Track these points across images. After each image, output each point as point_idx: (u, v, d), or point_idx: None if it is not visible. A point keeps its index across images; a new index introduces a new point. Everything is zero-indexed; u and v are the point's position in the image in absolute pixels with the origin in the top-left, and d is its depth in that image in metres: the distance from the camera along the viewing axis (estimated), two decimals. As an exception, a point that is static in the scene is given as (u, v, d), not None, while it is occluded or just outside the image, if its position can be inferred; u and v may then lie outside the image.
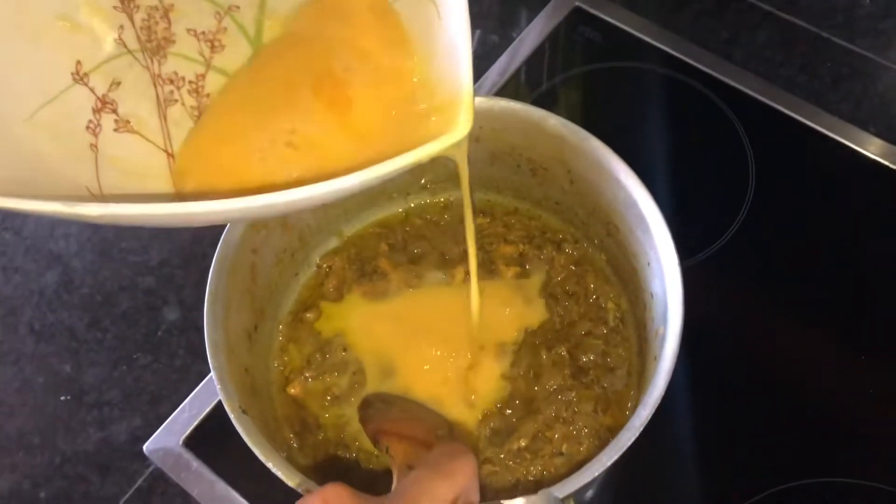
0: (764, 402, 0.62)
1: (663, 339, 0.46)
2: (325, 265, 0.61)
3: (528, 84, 0.78)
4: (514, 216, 0.62)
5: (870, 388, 0.63)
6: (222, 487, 0.60)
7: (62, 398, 0.65)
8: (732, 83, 0.75)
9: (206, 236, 0.52)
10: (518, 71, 0.78)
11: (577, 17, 0.81)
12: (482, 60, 0.79)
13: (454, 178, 0.61)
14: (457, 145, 0.39)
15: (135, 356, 0.66)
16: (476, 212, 0.63)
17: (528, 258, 0.59)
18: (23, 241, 0.72)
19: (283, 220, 0.56)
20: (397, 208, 0.63)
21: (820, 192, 0.71)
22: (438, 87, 0.44)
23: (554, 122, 0.53)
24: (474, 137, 0.56)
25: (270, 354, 0.58)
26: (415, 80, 0.46)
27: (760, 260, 0.68)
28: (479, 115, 0.54)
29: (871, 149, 0.72)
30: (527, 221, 0.62)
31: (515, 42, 0.79)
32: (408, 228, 0.62)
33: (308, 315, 0.59)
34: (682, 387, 0.61)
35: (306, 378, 0.56)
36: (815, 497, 0.59)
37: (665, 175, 0.71)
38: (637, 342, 0.56)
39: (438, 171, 0.61)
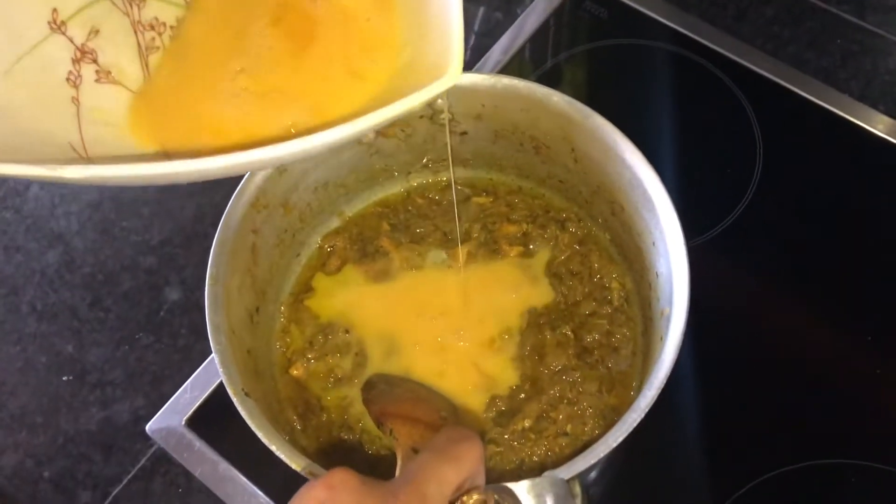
0: (769, 383, 0.62)
1: (668, 319, 0.46)
2: (326, 245, 0.61)
3: (533, 61, 0.77)
4: (517, 195, 0.62)
5: (876, 369, 0.62)
6: (225, 467, 0.60)
7: (65, 378, 0.65)
8: (740, 60, 0.74)
9: (207, 214, 0.51)
10: (522, 48, 0.77)
11: (583, -7, 0.80)
12: (485, 38, 0.78)
13: (456, 157, 0.61)
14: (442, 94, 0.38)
15: (137, 336, 0.66)
16: (479, 191, 0.62)
17: (532, 238, 0.59)
18: (24, 220, 0.71)
19: (284, 200, 0.56)
20: (399, 188, 0.63)
21: (828, 170, 0.70)
22: (425, 37, 0.42)
23: (557, 99, 0.53)
24: (476, 115, 0.56)
25: (272, 336, 0.57)
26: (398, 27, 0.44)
27: (767, 239, 0.68)
28: (482, 93, 0.54)
29: (880, 127, 0.71)
30: (530, 200, 0.61)
31: (520, 19, 0.78)
32: (410, 208, 0.62)
33: (307, 296, 0.58)
34: (687, 368, 0.61)
35: (308, 359, 0.56)
36: (820, 478, 0.58)
37: (671, 153, 0.71)
38: (642, 322, 0.55)
39: (440, 150, 0.60)
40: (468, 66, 0.77)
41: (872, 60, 0.74)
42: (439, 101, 0.54)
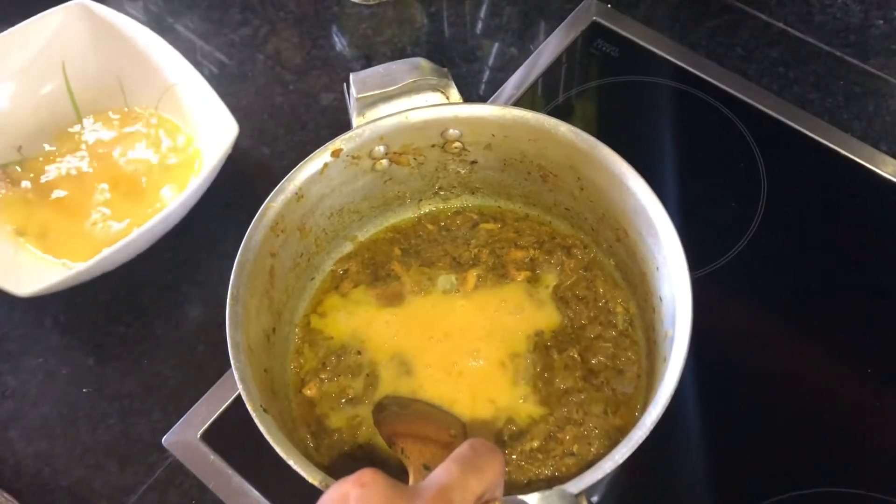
0: (770, 411, 0.63)
1: (672, 341, 0.48)
2: (340, 269, 0.63)
3: (545, 96, 0.79)
4: (524, 222, 0.64)
5: (876, 401, 0.63)
6: (238, 481, 0.61)
7: (84, 390, 0.67)
8: (746, 98, 0.77)
9: (229, 233, 0.53)
10: (535, 83, 0.80)
11: (595, 32, 0.82)
12: (500, 72, 0.81)
13: (466, 185, 0.63)
14: None
15: (156, 351, 0.68)
16: (487, 217, 0.65)
17: (539, 263, 0.61)
18: (50, 238, 0.74)
19: (301, 225, 0.58)
20: (410, 214, 0.65)
21: (830, 208, 0.72)
22: None
23: (564, 129, 0.55)
24: (486, 145, 0.58)
25: (287, 356, 0.59)
26: None
27: (769, 273, 0.69)
28: (492, 123, 0.57)
29: (883, 166, 0.73)
30: (537, 227, 0.63)
31: (533, 55, 0.81)
32: (420, 234, 0.64)
33: (321, 318, 0.60)
34: (689, 396, 0.63)
35: (322, 380, 0.57)
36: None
37: (678, 188, 0.73)
38: (646, 345, 0.57)
39: (451, 178, 0.62)
40: (482, 98, 0.79)
41: (875, 102, 0.77)
42: (451, 130, 0.56)
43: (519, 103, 0.78)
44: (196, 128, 0.74)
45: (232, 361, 0.50)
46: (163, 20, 0.87)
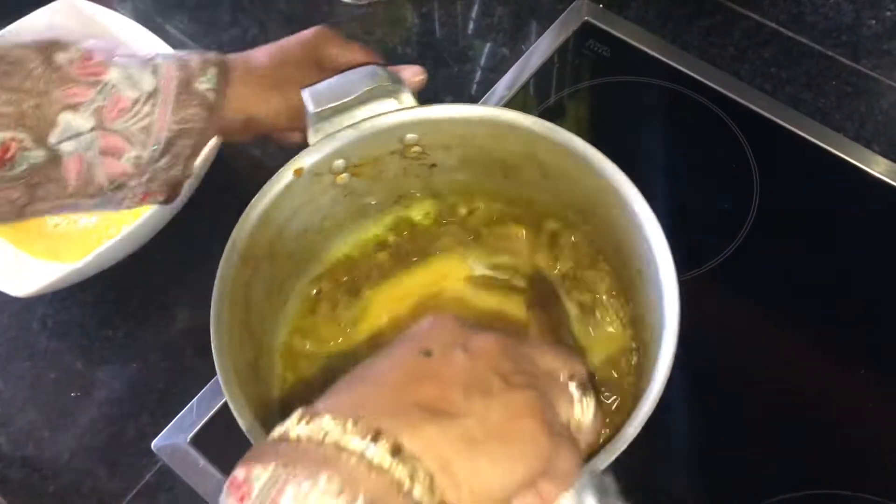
0: (761, 414, 0.63)
1: (658, 345, 0.47)
2: (312, 291, 0.61)
3: (537, 97, 0.79)
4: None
5: (868, 402, 0.63)
6: (228, 485, 0.61)
7: (72, 394, 0.66)
8: (738, 98, 0.76)
9: (217, 234, 0.53)
10: (527, 84, 0.79)
11: (587, 32, 0.82)
12: (491, 73, 0.81)
13: (427, 189, 0.62)
14: None
15: (144, 354, 0.68)
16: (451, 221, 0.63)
17: None
18: (38, 240, 0.73)
19: (270, 251, 0.56)
20: (374, 227, 0.63)
21: (823, 208, 0.72)
22: None
23: (523, 119, 0.54)
24: (444, 146, 0.58)
25: (273, 383, 0.58)
26: None
27: (762, 274, 0.69)
28: (450, 123, 0.56)
29: (875, 167, 0.73)
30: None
31: (525, 55, 0.81)
32: (388, 243, 0.63)
33: (300, 343, 0.59)
34: (678, 400, 0.62)
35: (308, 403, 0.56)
36: None
37: (669, 187, 0.73)
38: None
39: (412, 184, 0.61)
40: (473, 99, 0.79)
41: (867, 102, 0.77)
42: (409, 135, 0.56)
43: (510, 104, 0.78)
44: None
45: (224, 391, 0.48)
46: (151, 20, 0.86)
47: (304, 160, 0.54)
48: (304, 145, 0.55)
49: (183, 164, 0.56)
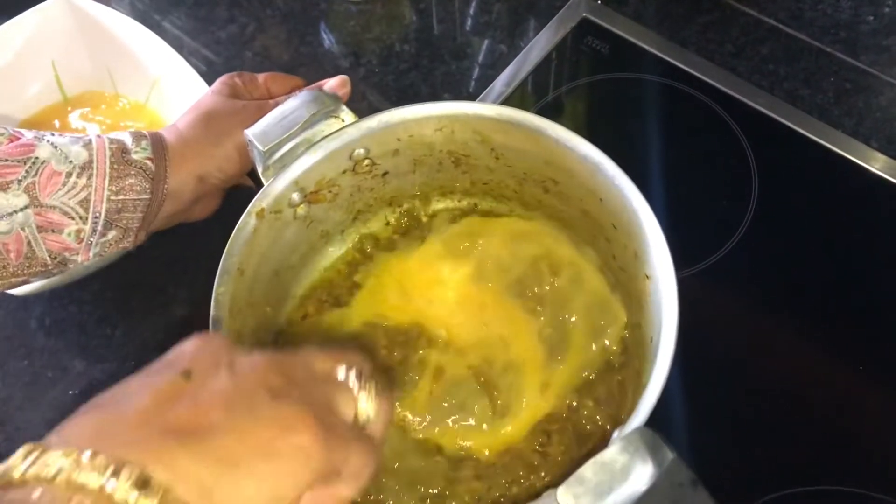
0: (759, 410, 0.63)
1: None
2: (298, 316, 0.61)
3: (535, 93, 0.79)
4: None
5: (867, 398, 0.63)
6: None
7: (71, 392, 0.66)
8: (736, 95, 0.76)
9: (214, 231, 0.53)
10: (525, 80, 0.79)
11: (585, 28, 0.82)
12: (489, 70, 0.80)
13: (382, 200, 0.62)
14: None
15: (143, 352, 0.67)
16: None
17: None
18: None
19: (249, 301, 0.55)
20: (339, 249, 0.64)
21: (822, 204, 0.72)
22: None
23: (467, 108, 0.55)
24: (393, 151, 0.58)
25: None
26: None
27: (761, 271, 0.69)
28: (395, 128, 0.56)
29: (873, 163, 0.72)
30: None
31: (523, 52, 0.81)
32: (355, 263, 0.63)
33: None
34: (676, 395, 0.62)
35: None
36: None
37: (667, 185, 0.72)
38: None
39: (366, 197, 0.62)
40: (472, 97, 0.79)
41: (865, 98, 0.77)
42: (357, 150, 0.56)
43: (508, 101, 0.78)
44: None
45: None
46: (149, 17, 0.86)
47: (263, 201, 0.54)
48: (253, 188, 0.55)
49: (134, 237, 0.57)
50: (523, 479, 0.53)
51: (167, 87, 0.73)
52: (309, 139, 0.55)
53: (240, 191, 0.65)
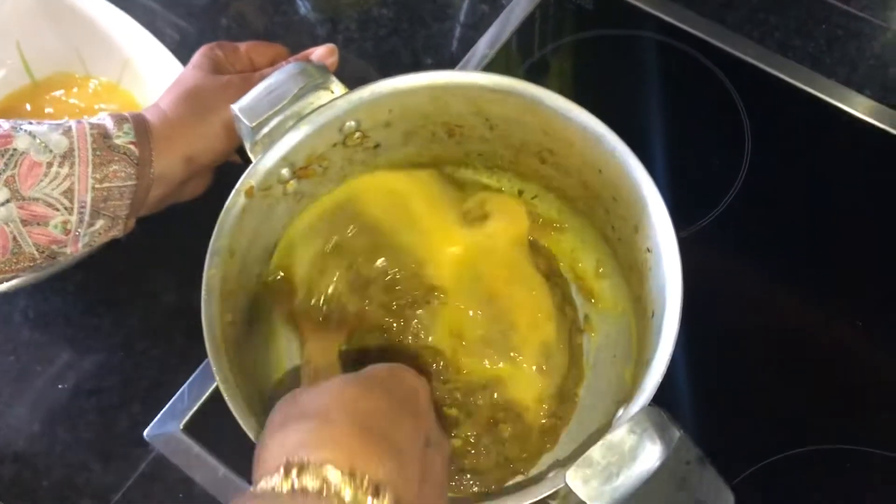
0: (759, 372, 0.63)
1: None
2: None
3: (520, 54, 0.76)
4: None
5: (868, 354, 0.63)
6: (224, 472, 0.60)
7: (60, 386, 0.65)
8: (726, 48, 0.74)
9: (200, 215, 0.51)
10: (509, 41, 0.77)
11: (568, -16, 0.79)
12: (472, 30, 0.78)
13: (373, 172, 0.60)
14: None
15: (132, 342, 0.66)
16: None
17: None
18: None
19: (239, 283, 0.54)
20: None
21: (816, 154, 0.71)
22: None
23: (461, 78, 0.53)
24: (385, 124, 0.56)
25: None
26: None
27: (758, 225, 0.68)
28: (387, 100, 0.54)
29: (867, 112, 0.71)
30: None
31: (505, 11, 0.78)
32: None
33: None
34: (674, 362, 0.61)
35: None
36: (816, 464, 0.59)
37: (660, 143, 0.71)
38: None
39: (357, 170, 0.59)
40: (455, 60, 0.76)
41: (857, 45, 0.75)
42: (349, 123, 0.54)
43: (493, 63, 0.75)
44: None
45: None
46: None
47: (252, 178, 0.52)
48: (243, 165, 0.53)
49: (123, 224, 0.55)
50: None
51: (140, 67, 0.70)
52: (298, 113, 0.53)
53: (227, 167, 0.63)
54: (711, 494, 0.43)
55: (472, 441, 0.53)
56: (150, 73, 0.69)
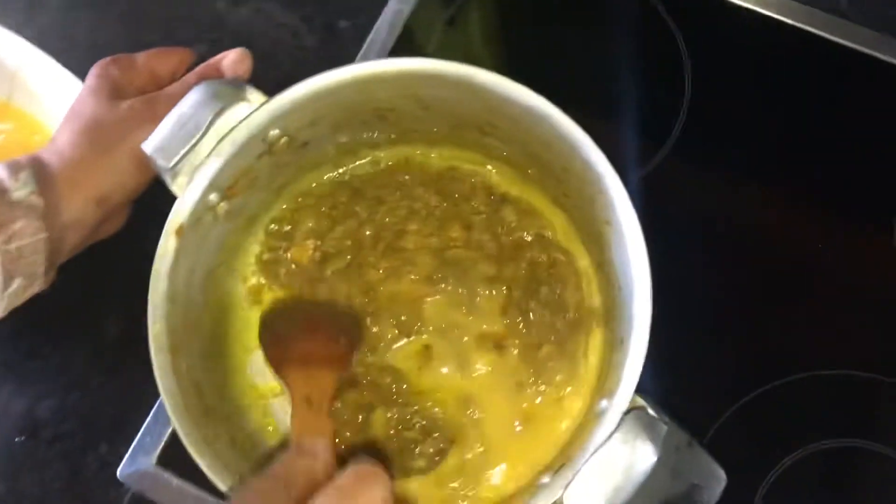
0: (736, 301, 0.63)
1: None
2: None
3: (440, 5, 0.72)
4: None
5: (846, 270, 0.63)
6: (211, 501, 0.58)
7: (17, 439, 0.62)
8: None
9: (133, 233, 0.48)
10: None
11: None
12: None
13: (303, 168, 0.57)
14: None
15: (84, 379, 0.63)
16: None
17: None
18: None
19: (185, 323, 0.50)
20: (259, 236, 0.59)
21: (757, 71, 0.68)
22: None
23: (388, 66, 0.50)
24: (310, 122, 0.52)
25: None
26: None
27: (712, 148, 0.67)
28: (309, 99, 0.50)
29: (806, 19, 0.68)
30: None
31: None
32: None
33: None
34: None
35: None
36: (811, 390, 0.60)
37: (594, 89, 0.68)
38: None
39: (287, 172, 0.56)
40: (373, 16, 0.71)
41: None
42: (272, 132, 0.50)
43: (414, 16, 0.70)
44: (58, 116, 0.65)
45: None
46: None
47: (181, 217, 0.48)
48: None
49: (42, 279, 0.51)
50: None
51: (30, 81, 0.64)
52: (217, 135, 0.49)
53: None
54: (704, 475, 0.43)
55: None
56: (44, 87, 0.64)
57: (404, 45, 0.70)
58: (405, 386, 0.53)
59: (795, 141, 0.67)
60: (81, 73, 0.61)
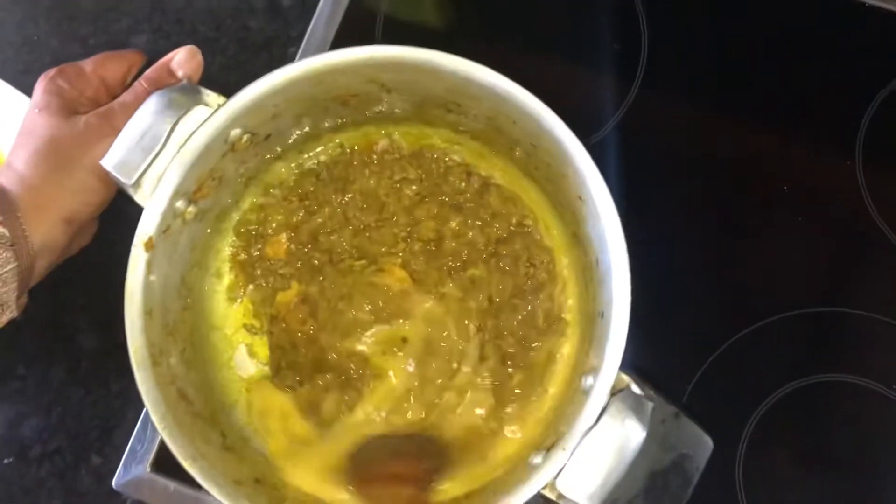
0: (712, 248, 0.63)
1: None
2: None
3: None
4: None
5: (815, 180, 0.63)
6: (210, 501, 0.58)
7: (5, 461, 0.61)
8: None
9: (100, 246, 0.47)
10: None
11: None
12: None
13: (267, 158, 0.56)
14: None
15: (65, 395, 0.62)
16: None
17: None
18: None
19: (169, 329, 0.51)
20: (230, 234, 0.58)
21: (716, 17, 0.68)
22: None
23: (343, 57, 0.49)
24: (271, 116, 0.51)
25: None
26: None
27: (678, 81, 0.67)
28: (268, 96, 0.49)
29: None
30: None
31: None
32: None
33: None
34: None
35: None
36: (784, 332, 0.61)
37: (552, 51, 0.67)
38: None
39: (253, 164, 0.55)
40: (312, 1, 0.69)
41: None
42: (233, 131, 0.50)
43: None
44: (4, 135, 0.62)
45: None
46: None
47: (148, 228, 0.48)
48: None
49: (15, 305, 0.50)
50: None
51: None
52: (177, 142, 0.48)
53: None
54: (692, 444, 0.45)
55: None
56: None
57: (355, 16, 0.68)
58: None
59: (760, 67, 0.67)
60: (16, 75, 0.59)
